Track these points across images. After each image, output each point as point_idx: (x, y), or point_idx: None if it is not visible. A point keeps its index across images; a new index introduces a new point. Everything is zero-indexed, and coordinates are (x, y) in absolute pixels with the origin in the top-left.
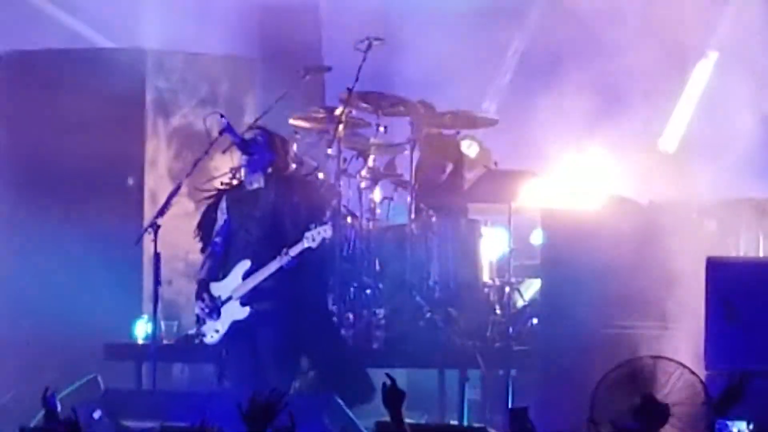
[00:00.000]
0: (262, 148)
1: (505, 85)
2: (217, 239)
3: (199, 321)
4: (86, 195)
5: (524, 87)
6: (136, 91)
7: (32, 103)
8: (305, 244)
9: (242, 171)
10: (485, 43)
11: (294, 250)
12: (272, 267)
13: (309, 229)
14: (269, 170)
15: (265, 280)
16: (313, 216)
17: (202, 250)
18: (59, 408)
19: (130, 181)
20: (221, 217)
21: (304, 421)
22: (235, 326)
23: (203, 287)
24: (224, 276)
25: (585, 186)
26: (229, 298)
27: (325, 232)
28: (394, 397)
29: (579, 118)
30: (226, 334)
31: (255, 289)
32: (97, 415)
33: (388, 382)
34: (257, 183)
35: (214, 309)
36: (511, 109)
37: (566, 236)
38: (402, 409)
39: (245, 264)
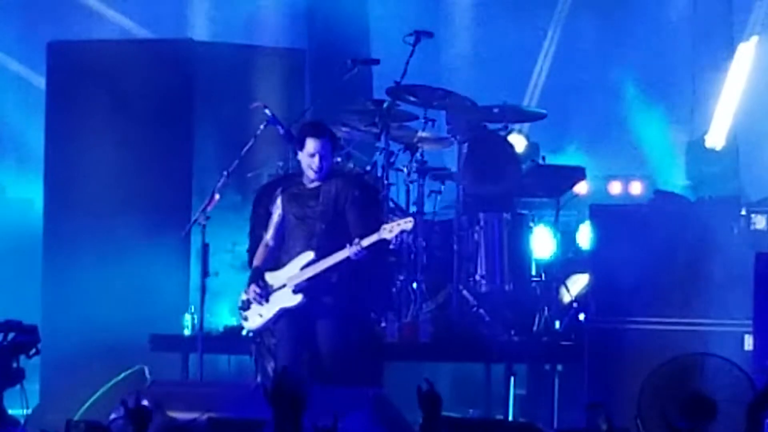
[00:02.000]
0: (331, 153)
1: (543, 77)
2: (271, 232)
3: (243, 306)
4: (135, 186)
5: (562, 81)
6: (185, 83)
7: (80, 94)
8: (382, 235)
9: (309, 172)
10: (525, 32)
11: (367, 241)
12: (338, 257)
13: (387, 221)
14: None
15: (329, 273)
16: (374, 211)
17: (252, 244)
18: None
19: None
20: (276, 211)
21: (350, 414)
22: (284, 313)
23: (257, 274)
24: (279, 266)
25: (633, 181)
26: (282, 286)
27: (405, 224)
28: (430, 401)
29: (621, 112)
30: (270, 320)
31: (316, 280)
32: (143, 404)
33: (425, 386)
34: (317, 182)
35: (264, 295)
36: (550, 103)
37: (615, 231)
38: (439, 414)
39: (308, 255)
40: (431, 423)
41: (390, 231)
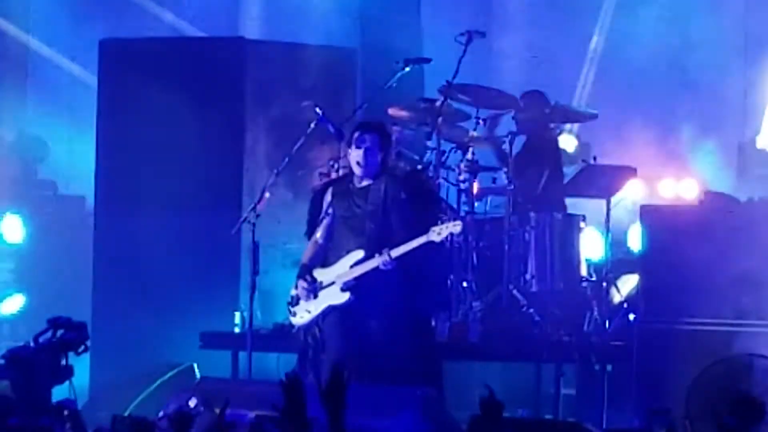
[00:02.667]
0: (378, 148)
1: (590, 78)
2: (321, 230)
3: (292, 302)
4: (185, 184)
5: (609, 82)
6: (236, 81)
7: (131, 92)
8: (430, 237)
9: (357, 168)
10: (572, 35)
11: (396, 252)
12: (370, 264)
13: (437, 223)
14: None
15: (378, 272)
16: (424, 212)
17: (308, 237)
18: None
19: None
20: (326, 209)
21: (398, 413)
22: (332, 310)
23: (305, 270)
24: (328, 264)
25: (683, 182)
26: (331, 284)
27: (454, 227)
28: (491, 408)
29: (673, 115)
30: (318, 316)
31: (365, 278)
32: (192, 403)
33: (485, 393)
34: (367, 180)
35: (312, 290)
36: (599, 104)
37: (665, 232)
38: (499, 421)
39: (358, 254)
40: (493, 430)
41: (438, 234)
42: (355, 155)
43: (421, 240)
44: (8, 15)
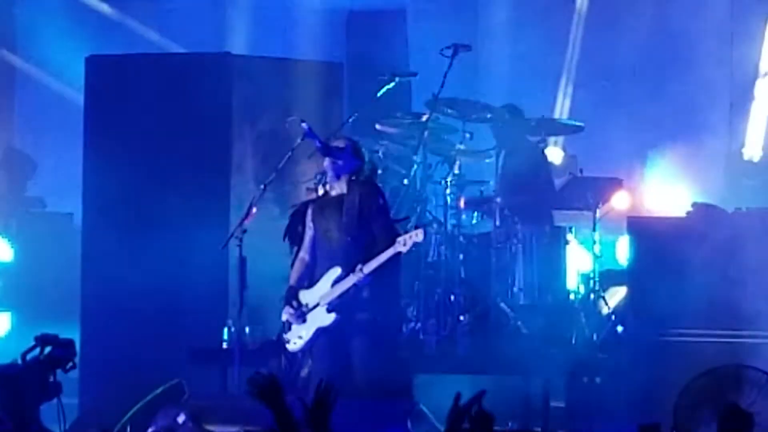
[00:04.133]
0: (347, 154)
1: (570, 89)
2: (305, 248)
3: (285, 328)
4: (173, 200)
5: (594, 93)
6: (222, 97)
7: (118, 108)
8: (397, 248)
9: (327, 176)
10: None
11: (369, 267)
12: (349, 282)
13: (400, 234)
14: (353, 177)
15: (359, 288)
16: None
17: (293, 260)
18: None
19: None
20: (309, 226)
21: (387, 427)
22: (321, 333)
23: (292, 294)
24: (313, 283)
25: (670, 193)
26: (317, 305)
27: (416, 236)
28: (483, 422)
29: (658, 125)
30: (309, 341)
31: (347, 296)
32: (181, 419)
33: (475, 408)
34: (340, 189)
35: (301, 315)
36: (584, 115)
37: (653, 243)
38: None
39: (336, 271)
40: None
41: (404, 244)
42: (328, 164)
43: (389, 252)
44: None
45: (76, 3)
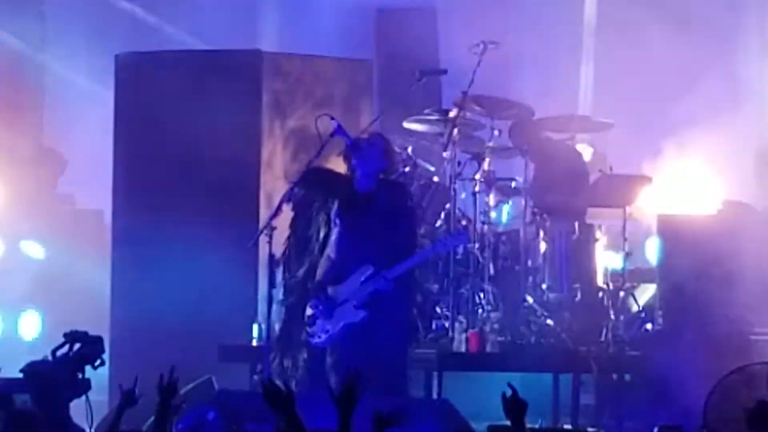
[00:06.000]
0: (378, 153)
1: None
2: (331, 244)
3: (310, 322)
4: (202, 197)
5: (618, 89)
6: (253, 93)
7: (147, 105)
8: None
9: (358, 176)
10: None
11: (392, 273)
12: (375, 285)
13: (444, 237)
14: (381, 176)
15: (385, 284)
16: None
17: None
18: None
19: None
20: (334, 222)
21: (418, 424)
22: (348, 328)
23: (319, 288)
24: (342, 279)
25: (700, 191)
26: (345, 301)
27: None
28: (515, 407)
29: (688, 121)
30: (335, 335)
31: (374, 293)
32: (210, 416)
33: (509, 392)
34: (368, 187)
35: (329, 309)
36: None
37: (683, 241)
38: (524, 420)
39: (367, 269)
40: (518, 429)
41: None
42: (359, 163)
43: (414, 260)
44: (24, 34)
45: (105, 2)
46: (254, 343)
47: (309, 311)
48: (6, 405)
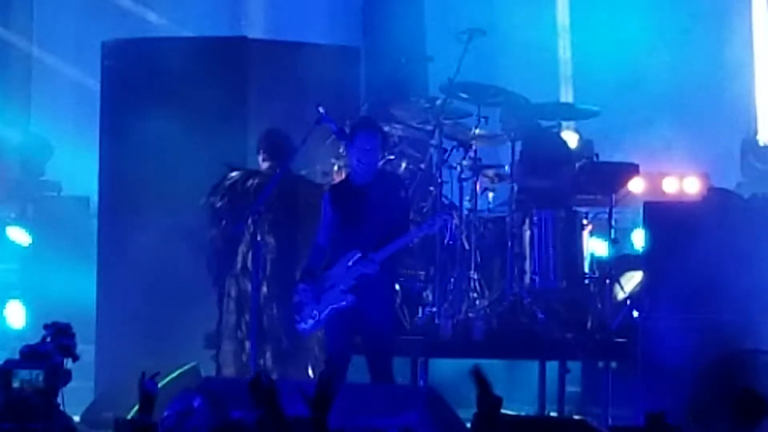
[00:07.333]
0: (379, 146)
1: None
2: (321, 232)
3: (298, 307)
4: (188, 184)
5: (608, 76)
6: (239, 81)
7: (134, 92)
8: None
9: (354, 166)
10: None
11: (380, 256)
12: (363, 269)
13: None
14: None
15: (372, 267)
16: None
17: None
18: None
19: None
20: (325, 210)
21: (402, 411)
22: (335, 313)
23: (307, 274)
24: (330, 265)
25: (687, 178)
26: (332, 286)
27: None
28: (489, 407)
29: (675, 109)
30: (321, 321)
31: (362, 279)
32: (196, 403)
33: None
34: (366, 179)
35: (315, 295)
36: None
37: (669, 228)
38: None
39: (355, 255)
40: (490, 425)
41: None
42: (357, 156)
43: (398, 243)
44: (11, 22)
45: None
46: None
47: (296, 297)
48: (5, 382)
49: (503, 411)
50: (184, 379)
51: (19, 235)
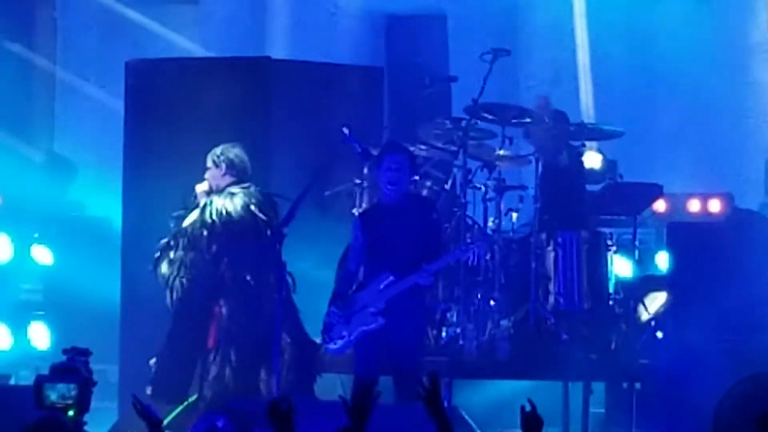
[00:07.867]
0: (409, 168)
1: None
2: (351, 255)
3: (327, 328)
4: None
5: (633, 97)
6: (262, 101)
7: (158, 112)
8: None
9: (384, 189)
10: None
11: (431, 268)
12: (409, 281)
13: (466, 245)
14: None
15: (406, 294)
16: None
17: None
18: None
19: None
20: (356, 236)
21: (425, 429)
22: (365, 335)
23: (337, 297)
24: (361, 287)
25: (711, 199)
26: (363, 308)
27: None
28: (533, 422)
29: (699, 129)
30: (350, 342)
31: (395, 301)
32: (220, 423)
33: (528, 407)
34: (397, 201)
35: (345, 316)
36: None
37: (693, 249)
38: None
39: (387, 277)
40: None
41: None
42: (386, 177)
43: (455, 254)
44: (35, 42)
45: (115, 10)
46: None
47: (325, 319)
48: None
49: None
50: (189, 413)
51: (43, 255)
